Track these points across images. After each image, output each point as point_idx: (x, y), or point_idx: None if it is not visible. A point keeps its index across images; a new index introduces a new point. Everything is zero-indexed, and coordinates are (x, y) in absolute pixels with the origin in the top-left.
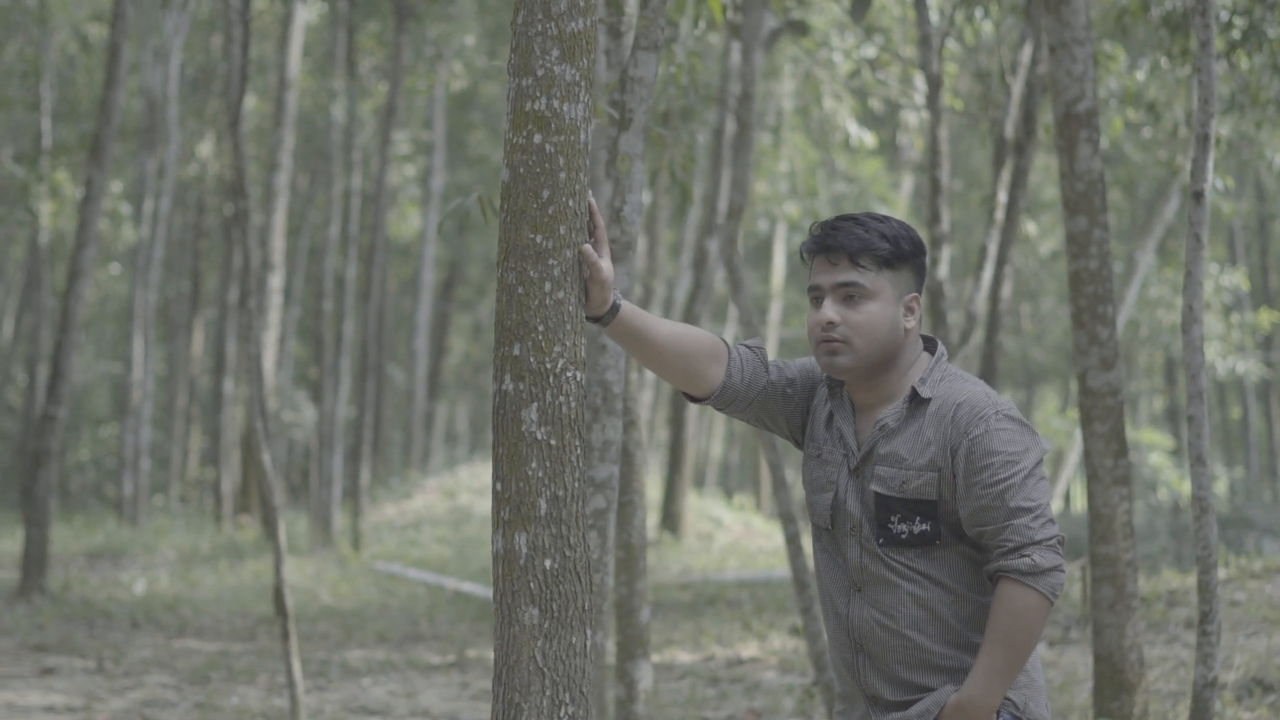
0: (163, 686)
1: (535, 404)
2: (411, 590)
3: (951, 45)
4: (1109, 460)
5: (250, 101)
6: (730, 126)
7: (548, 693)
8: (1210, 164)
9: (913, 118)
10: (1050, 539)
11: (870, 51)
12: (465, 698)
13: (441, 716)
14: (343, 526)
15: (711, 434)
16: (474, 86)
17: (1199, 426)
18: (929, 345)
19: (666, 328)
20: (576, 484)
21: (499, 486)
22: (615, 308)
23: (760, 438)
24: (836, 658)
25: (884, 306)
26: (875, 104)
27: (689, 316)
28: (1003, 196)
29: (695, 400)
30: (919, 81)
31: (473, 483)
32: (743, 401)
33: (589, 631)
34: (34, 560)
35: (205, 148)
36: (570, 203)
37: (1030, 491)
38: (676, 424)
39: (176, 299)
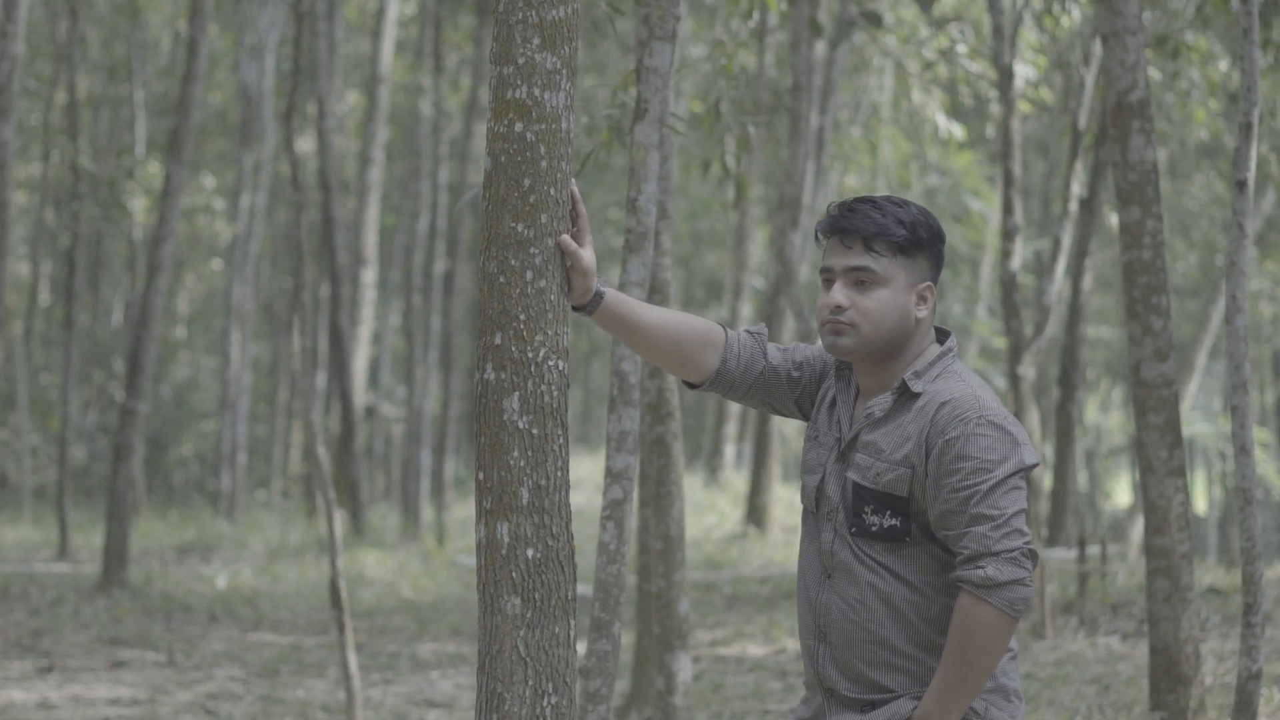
0: (231, 679)
1: (517, 393)
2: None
3: (1035, 37)
4: (1163, 452)
5: (351, 97)
6: (815, 120)
7: (530, 682)
8: (1253, 153)
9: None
10: (1011, 551)
11: (943, 43)
12: None
13: None
14: (430, 520)
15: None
16: None
17: (1243, 417)
18: (940, 337)
19: (655, 314)
20: (559, 473)
21: (481, 476)
22: (599, 296)
23: None
24: (802, 644)
25: (895, 294)
26: (965, 97)
27: (774, 310)
28: (1076, 188)
29: (693, 386)
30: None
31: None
32: (740, 387)
33: (572, 621)
34: (114, 554)
35: (305, 143)
36: (552, 191)
37: (997, 500)
38: (763, 416)
39: (279, 294)
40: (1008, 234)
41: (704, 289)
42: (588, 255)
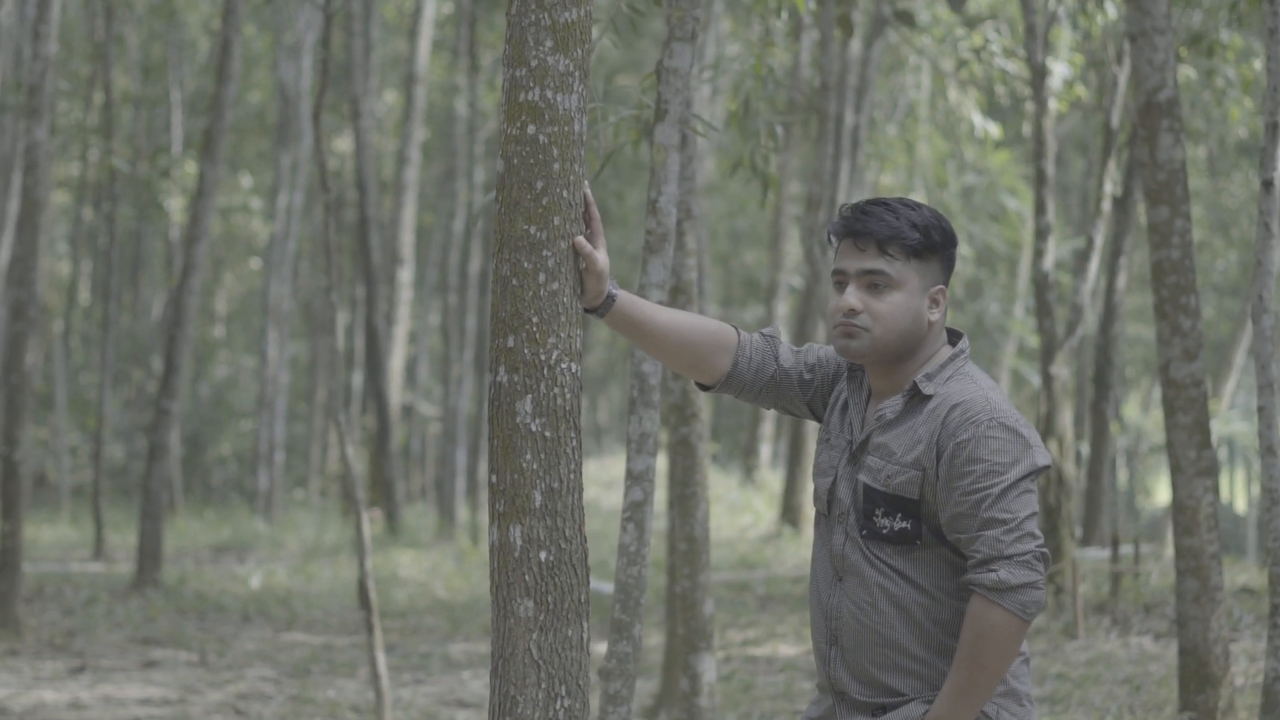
0: (262, 679)
1: (530, 396)
2: None
3: (1071, 35)
4: (1192, 452)
5: (389, 97)
6: (850, 118)
7: (543, 685)
8: None
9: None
10: (1024, 554)
11: (977, 42)
12: None
13: None
14: (465, 520)
15: None
16: (599, 77)
17: (1269, 417)
18: (952, 339)
19: (666, 316)
20: (572, 476)
21: (494, 479)
22: (611, 299)
23: None
24: (814, 647)
25: (909, 297)
26: (1001, 96)
27: (808, 310)
28: (1109, 186)
29: (705, 388)
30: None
31: (601, 476)
32: (752, 389)
33: (585, 624)
34: (148, 553)
35: (343, 143)
36: (564, 194)
37: (1009, 504)
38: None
39: (316, 293)
40: (1040, 233)
41: (743, 288)
42: (602, 257)
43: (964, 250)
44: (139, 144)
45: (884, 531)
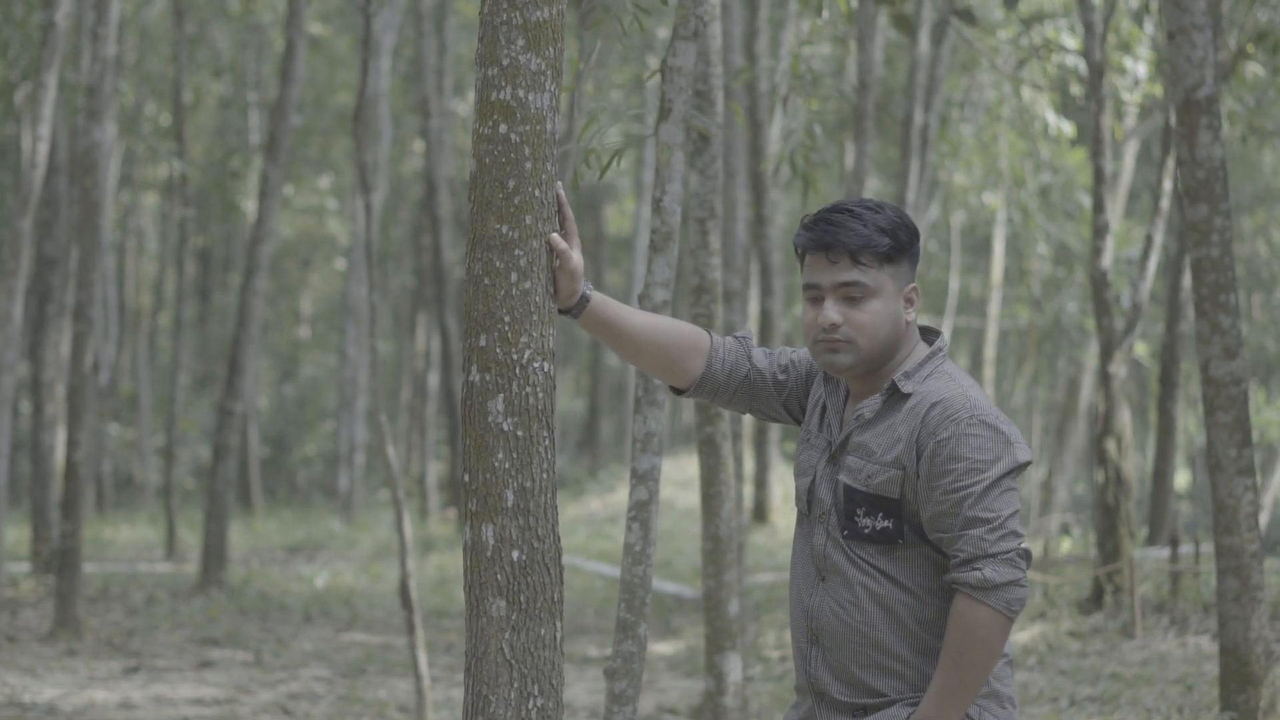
0: (315, 679)
1: (501, 395)
2: (589, 583)
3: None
4: (1233, 450)
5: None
6: (919, 117)
7: (515, 684)
8: None
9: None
10: (1007, 552)
11: (1039, 40)
12: None
13: (582, 710)
14: None
15: None
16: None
17: None
18: (930, 336)
19: (641, 319)
20: (545, 475)
21: (466, 478)
22: (585, 299)
23: None
24: (794, 647)
25: (886, 303)
26: (1077, 96)
27: None
28: (1168, 184)
29: (679, 393)
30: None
31: (677, 475)
32: (726, 392)
33: (558, 624)
34: (213, 554)
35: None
36: (536, 193)
37: (991, 502)
38: None
39: (401, 294)
40: (1098, 231)
41: None
42: (576, 256)
43: (1041, 249)
44: (224, 145)
45: (866, 531)
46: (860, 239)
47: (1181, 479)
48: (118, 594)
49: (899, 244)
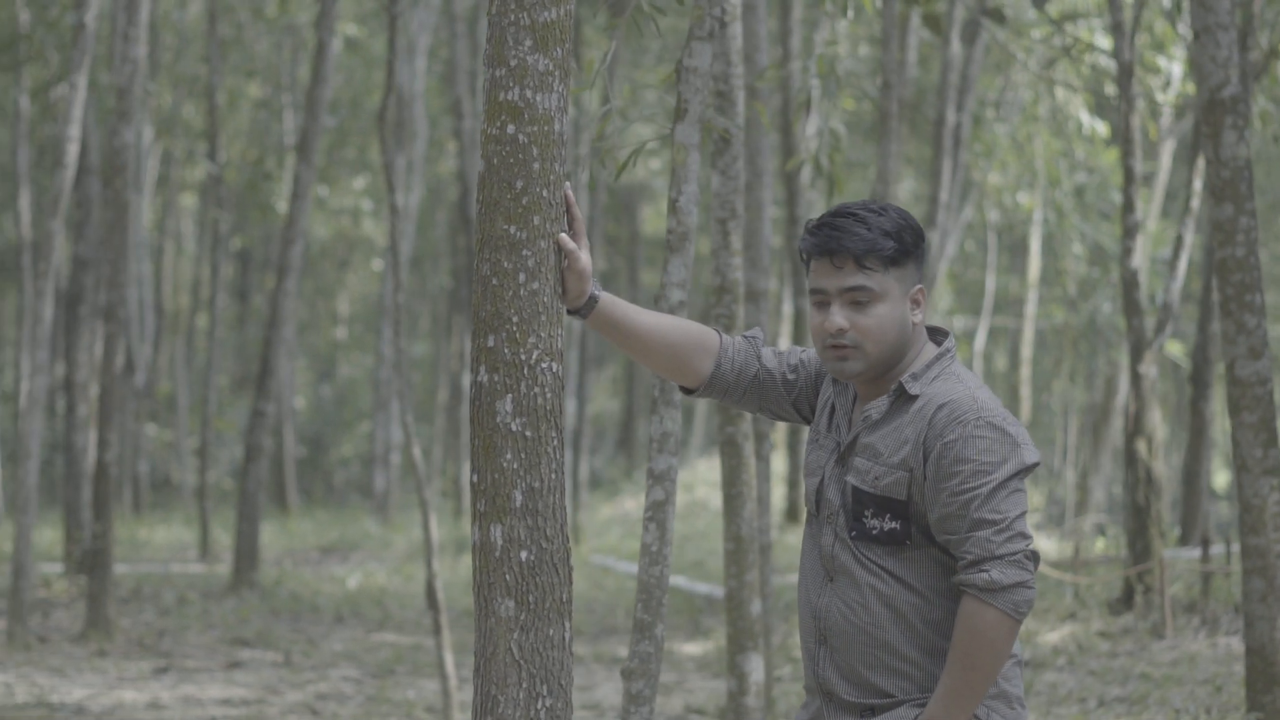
0: (344, 680)
1: (510, 395)
2: (620, 583)
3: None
4: (1258, 450)
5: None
6: (951, 117)
7: (524, 685)
8: None
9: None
10: (1014, 554)
11: (1069, 39)
12: None
13: (610, 711)
14: (570, 521)
15: None
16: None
17: None
18: (938, 337)
19: (650, 319)
20: (553, 476)
21: (475, 478)
22: (594, 299)
23: None
24: (802, 647)
25: (892, 307)
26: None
27: None
28: (1198, 184)
29: (689, 393)
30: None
31: (711, 475)
32: (735, 391)
33: (566, 624)
34: (244, 554)
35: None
36: (544, 193)
37: (998, 504)
38: None
39: (439, 294)
40: (1128, 230)
41: None
42: (584, 256)
43: (1076, 249)
44: (260, 146)
45: (873, 532)
46: (865, 243)
47: (1221, 479)
48: (150, 594)
49: (904, 247)
